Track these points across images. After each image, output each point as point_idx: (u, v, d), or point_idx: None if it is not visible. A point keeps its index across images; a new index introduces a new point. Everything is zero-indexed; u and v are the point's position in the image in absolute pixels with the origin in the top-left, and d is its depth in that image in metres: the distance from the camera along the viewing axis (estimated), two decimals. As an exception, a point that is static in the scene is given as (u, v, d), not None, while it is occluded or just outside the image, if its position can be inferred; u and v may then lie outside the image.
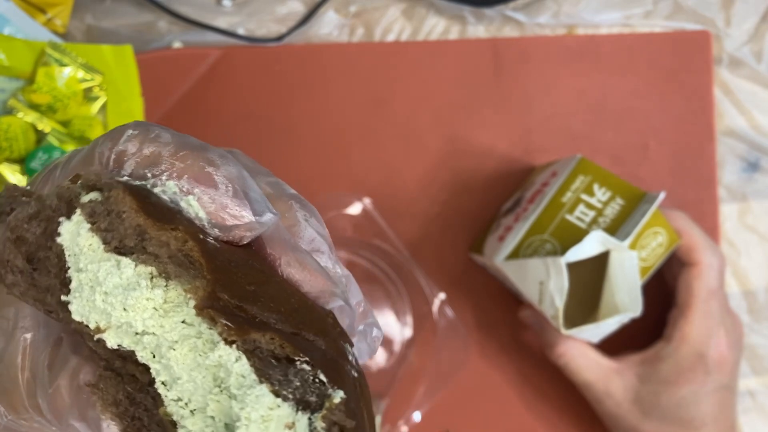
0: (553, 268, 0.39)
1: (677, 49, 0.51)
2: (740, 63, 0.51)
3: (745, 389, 0.51)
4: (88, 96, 0.42)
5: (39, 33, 0.43)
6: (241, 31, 0.50)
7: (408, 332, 0.49)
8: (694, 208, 0.49)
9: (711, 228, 0.50)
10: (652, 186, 0.49)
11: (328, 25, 0.50)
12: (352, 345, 0.19)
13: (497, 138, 0.50)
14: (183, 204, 0.19)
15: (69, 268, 0.19)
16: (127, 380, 0.18)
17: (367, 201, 0.48)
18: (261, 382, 0.17)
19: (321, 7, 0.50)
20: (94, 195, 0.19)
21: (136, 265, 0.18)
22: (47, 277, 0.19)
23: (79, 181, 0.19)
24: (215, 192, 0.19)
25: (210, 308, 0.17)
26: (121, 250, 0.18)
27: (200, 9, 0.49)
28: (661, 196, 0.40)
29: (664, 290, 0.46)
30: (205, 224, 0.19)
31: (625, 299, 0.41)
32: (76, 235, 0.19)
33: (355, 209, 0.48)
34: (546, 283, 0.39)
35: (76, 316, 0.18)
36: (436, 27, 0.51)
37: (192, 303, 0.18)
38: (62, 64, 0.41)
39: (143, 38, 0.49)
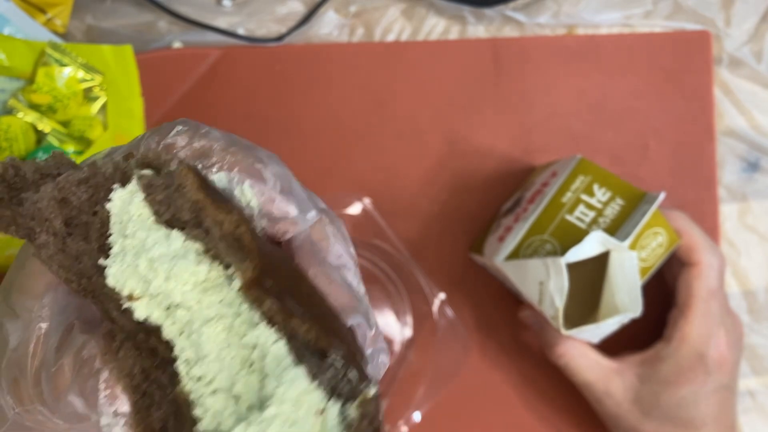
0: (553, 269, 0.39)
1: (677, 49, 0.51)
2: (740, 63, 0.51)
3: (745, 389, 0.51)
4: (88, 96, 0.42)
5: (39, 33, 0.43)
6: (241, 31, 0.50)
7: (408, 332, 0.49)
8: (694, 208, 0.49)
9: (711, 228, 0.50)
10: (652, 186, 0.49)
11: (328, 25, 0.50)
12: (366, 364, 0.20)
13: (497, 138, 0.50)
14: (237, 192, 0.19)
15: (111, 234, 0.19)
16: (145, 355, 0.19)
17: (367, 201, 0.48)
18: (298, 365, 0.17)
19: (321, 7, 0.50)
20: (148, 171, 0.20)
21: (185, 239, 0.18)
22: (82, 242, 0.19)
23: (134, 158, 0.20)
24: (264, 186, 0.20)
25: (258, 288, 0.17)
26: (171, 224, 0.19)
27: (200, 9, 0.49)
28: (661, 196, 0.40)
29: (664, 290, 0.46)
30: (255, 213, 0.19)
31: (625, 299, 0.41)
32: (127, 203, 0.19)
33: (355, 209, 0.48)
34: (546, 284, 0.39)
35: (111, 281, 0.19)
36: (436, 27, 0.51)
37: (236, 283, 0.18)
38: (62, 64, 0.41)
39: (143, 38, 0.49)
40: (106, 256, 0.19)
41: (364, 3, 0.50)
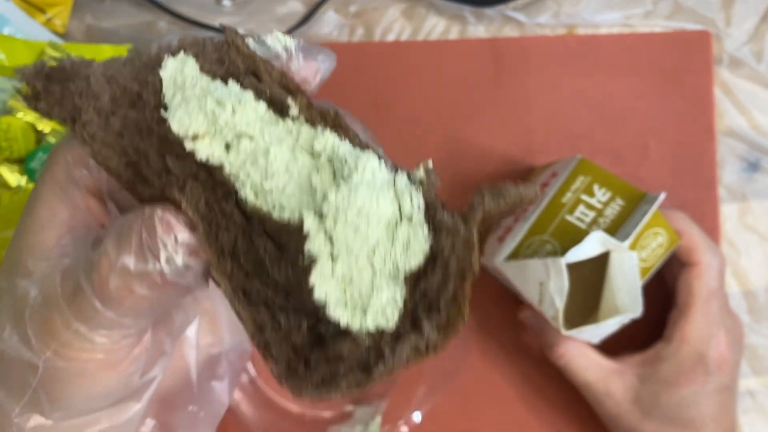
0: (553, 269, 0.39)
1: (677, 49, 0.51)
2: (740, 63, 0.51)
3: (745, 389, 0.51)
4: (88, 96, 0.42)
5: (39, 33, 0.43)
6: (241, 31, 0.50)
7: (408, 332, 0.49)
8: (694, 208, 0.49)
9: (711, 228, 0.50)
10: (652, 186, 0.49)
11: (328, 25, 0.50)
12: None
13: (497, 138, 0.50)
14: (269, 41, 0.22)
15: (166, 95, 0.21)
16: (208, 189, 0.20)
17: (367, 201, 0.48)
18: (365, 152, 0.20)
19: (321, 7, 0.50)
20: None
21: (240, 86, 0.21)
22: (131, 111, 0.21)
23: (176, 43, 0.22)
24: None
25: (315, 107, 0.21)
26: (225, 79, 0.21)
27: (200, 9, 0.49)
28: (662, 196, 0.40)
29: (664, 290, 0.46)
30: (293, 49, 0.22)
31: (625, 300, 0.41)
32: (180, 68, 0.21)
33: (355, 209, 0.48)
34: (546, 284, 0.39)
35: (176, 126, 0.20)
36: (436, 27, 0.51)
37: (294, 111, 0.21)
38: (62, 65, 0.41)
39: (143, 38, 0.49)
40: (164, 111, 0.21)
41: (364, 3, 0.50)
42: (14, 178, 0.41)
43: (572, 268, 0.39)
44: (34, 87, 0.21)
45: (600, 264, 0.41)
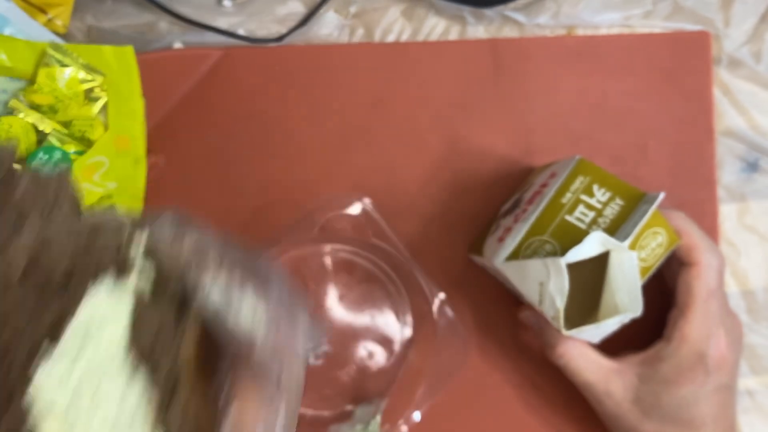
0: (553, 269, 0.39)
1: (677, 50, 0.51)
2: (739, 63, 0.52)
3: (745, 389, 0.51)
4: (89, 97, 0.42)
5: (40, 33, 0.43)
6: (241, 32, 0.50)
7: (408, 332, 0.49)
8: (694, 208, 0.49)
9: (710, 228, 0.50)
10: (651, 186, 0.49)
11: (328, 26, 0.50)
12: None
13: (497, 138, 0.50)
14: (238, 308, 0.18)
15: (62, 337, 0.16)
16: None
17: (367, 201, 0.48)
18: None
19: (321, 8, 0.50)
20: (148, 282, 0.18)
21: (142, 395, 0.16)
22: (23, 320, 0.17)
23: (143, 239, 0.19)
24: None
25: None
26: (139, 360, 0.16)
27: (201, 9, 0.49)
28: (661, 196, 0.41)
29: (664, 290, 0.46)
30: (260, 336, 0.19)
31: (625, 299, 0.41)
32: (105, 315, 0.16)
33: (355, 209, 0.48)
34: (546, 284, 0.39)
35: (31, 392, 0.16)
36: (436, 27, 0.51)
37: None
38: (63, 65, 0.41)
39: (144, 39, 0.49)
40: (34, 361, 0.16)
41: (364, 3, 0.50)
42: (15, 178, 0.41)
43: (572, 268, 0.39)
44: None
45: (600, 264, 0.41)
